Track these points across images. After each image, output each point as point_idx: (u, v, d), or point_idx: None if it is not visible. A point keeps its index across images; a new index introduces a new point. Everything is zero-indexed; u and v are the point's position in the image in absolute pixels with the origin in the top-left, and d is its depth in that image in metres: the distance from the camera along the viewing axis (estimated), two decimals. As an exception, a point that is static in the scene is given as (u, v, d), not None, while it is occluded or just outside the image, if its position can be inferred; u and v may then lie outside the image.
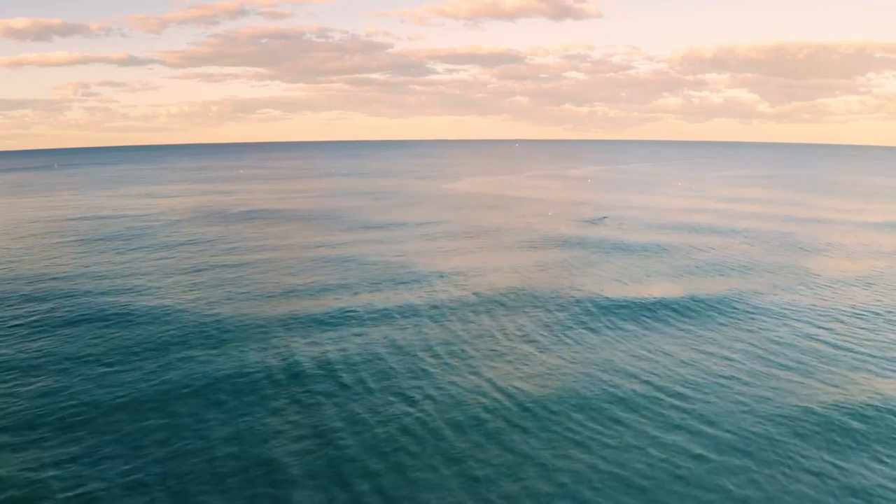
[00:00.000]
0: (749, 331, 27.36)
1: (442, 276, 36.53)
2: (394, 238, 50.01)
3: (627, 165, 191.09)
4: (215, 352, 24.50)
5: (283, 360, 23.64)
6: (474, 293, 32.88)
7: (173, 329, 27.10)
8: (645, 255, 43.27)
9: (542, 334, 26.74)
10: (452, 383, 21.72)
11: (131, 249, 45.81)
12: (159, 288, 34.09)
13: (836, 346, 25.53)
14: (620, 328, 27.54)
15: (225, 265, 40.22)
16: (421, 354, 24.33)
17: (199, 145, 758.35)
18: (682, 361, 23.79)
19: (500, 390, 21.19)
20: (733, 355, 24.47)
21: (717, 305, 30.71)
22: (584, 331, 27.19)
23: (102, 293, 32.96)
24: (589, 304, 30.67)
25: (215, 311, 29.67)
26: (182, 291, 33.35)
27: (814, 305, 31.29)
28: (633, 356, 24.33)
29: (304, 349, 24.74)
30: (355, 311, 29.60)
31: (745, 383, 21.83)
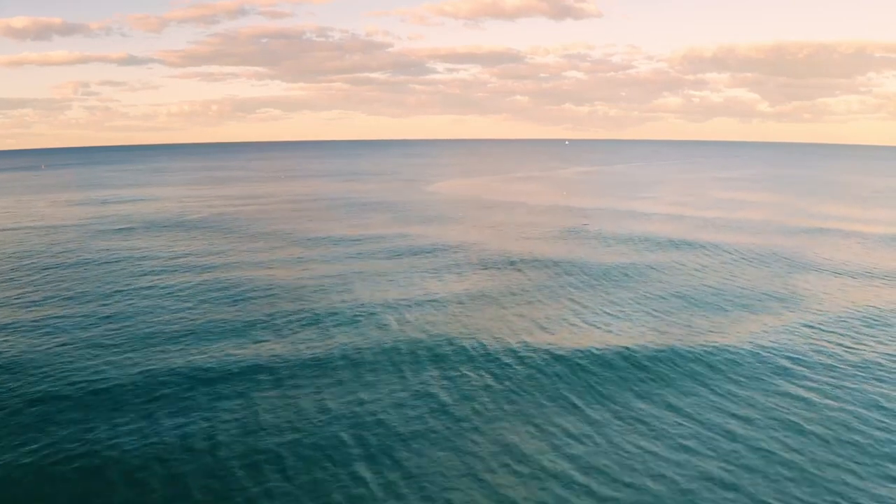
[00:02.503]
0: (728, 398, 21.67)
1: (362, 310, 30.71)
2: (332, 257, 44.32)
3: (624, 165, 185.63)
4: (59, 418, 19.24)
5: (141, 435, 18.30)
6: (393, 336, 26.90)
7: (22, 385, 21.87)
8: (614, 279, 37.59)
9: (456, 402, 20.93)
10: (321, 483, 16.33)
11: (50, 267, 40.68)
12: (34, 323, 28.81)
13: (841, 424, 20.07)
14: (563, 391, 21.81)
15: (133, 289, 34.87)
16: (292, 434, 18.81)
17: (198, 145, 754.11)
18: (636, 451, 18.30)
19: (382, 496, 15.82)
20: (706, 433, 18.97)
21: (690, 355, 24.91)
22: (513, 397, 21.47)
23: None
24: (530, 354, 24.82)
25: (81, 361, 24.32)
26: (55, 329, 28.00)
27: (815, 354, 25.73)
28: (570, 437, 18.74)
29: (166, 417, 19.34)
30: (242, 363, 23.99)
31: (719, 486, 16.40)
